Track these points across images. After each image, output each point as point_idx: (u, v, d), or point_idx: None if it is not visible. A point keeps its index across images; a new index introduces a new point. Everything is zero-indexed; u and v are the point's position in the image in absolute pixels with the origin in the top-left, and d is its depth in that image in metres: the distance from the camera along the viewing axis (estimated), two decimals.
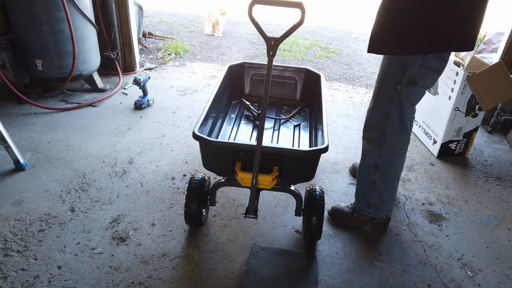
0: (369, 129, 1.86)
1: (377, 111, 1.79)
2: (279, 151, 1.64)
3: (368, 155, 1.90)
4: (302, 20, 1.36)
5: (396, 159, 1.88)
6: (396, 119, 1.77)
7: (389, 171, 1.89)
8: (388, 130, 1.79)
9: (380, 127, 1.80)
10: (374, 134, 1.84)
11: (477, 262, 1.92)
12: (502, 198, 2.41)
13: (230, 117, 2.26)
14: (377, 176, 1.89)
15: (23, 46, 2.95)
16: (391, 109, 1.75)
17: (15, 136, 2.60)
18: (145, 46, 4.57)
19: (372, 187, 1.93)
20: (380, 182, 1.90)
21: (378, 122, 1.80)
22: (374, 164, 1.88)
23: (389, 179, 1.91)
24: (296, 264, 1.80)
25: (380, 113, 1.78)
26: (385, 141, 1.82)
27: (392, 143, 1.82)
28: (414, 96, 1.74)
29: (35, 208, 2.04)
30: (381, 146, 1.83)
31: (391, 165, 1.88)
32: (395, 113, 1.75)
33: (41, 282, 1.64)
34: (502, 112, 3.20)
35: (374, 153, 1.86)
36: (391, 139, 1.81)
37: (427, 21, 1.52)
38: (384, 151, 1.83)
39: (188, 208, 1.83)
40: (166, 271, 1.74)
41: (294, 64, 4.57)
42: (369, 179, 1.92)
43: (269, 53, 1.41)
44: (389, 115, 1.76)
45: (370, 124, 1.85)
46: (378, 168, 1.88)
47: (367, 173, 1.92)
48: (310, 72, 2.41)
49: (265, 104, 1.51)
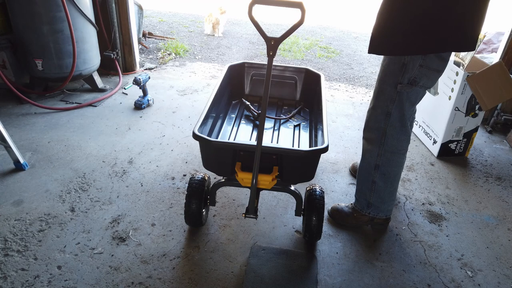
0: (369, 129, 1.86)
1: (377, 111, 1.79)
2: (279, 151, 1.64)
3: (368, 155, 1.90)
4: (302, 20, 1.36)
5: (396, 159, 1.87)
6: (396, 119, 1.77)
7: (389, 171, 1.89)
8: (388, 130, 1.79)
9: (381, 127, 1.80)
10: (374, 134, 1.84)
11: (477, 262, 1.92)
12: (502, 198, 2.41)
13: (230, 117, 2.26)
14: (377, 176, 1.89)
15: (23, 46, 2.95)
16: (391, 109, 1.75)
17: (15, 136, 2.60)
18: (145, 46, 4.57)
19: (372, 187, 1.93)
20: (380, 182, 1.90)
21: (379, 122, 1.80)
22: (374, 164, 1.88)
23: (389, 179, 1.91)
24: (296, 264, 1.80)
25: (380, 113, 1.78)
26: (386, 141, 1.82)
27: (392, 143, 1.82)
28: (414, 96, 1.74)
29: (35, 208, 2.04)
30: (381, 146, 1.83)
31: (391, 165, 1.88)
32: (396, 113, 1.75)
33: (41, 282, 1.64)
34: (502, 112, 3.20)
35: (374, 153, 1.86)
36: (391, 139, 1.81)
37: (427, 21, 1.52)
38: (384, 151, 1.84)
39: (188, 208, 1.83)
40: (166, 271, 1.74)
41: (294, 64, 4.57)
42: (369, 179, 1.92)
43: (269, 53, 1.41)
44: (390, 115, 1.76)
45: (370, 124, 1.85)
46: (378, 168, 1.88)
47: (367, 173, 1.93)
48: (310, 72, 2.41)
49: (265, 104, 1.51)
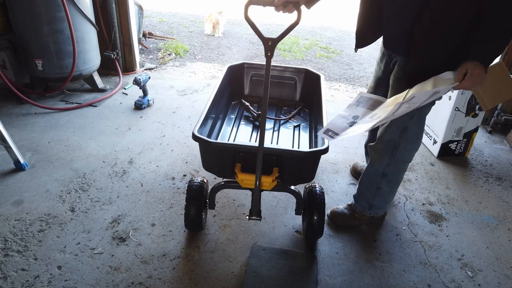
0: (382, 142, 1.82)
1: (392, 128, 1.76)
2: (279, 152, 1.64)
3: (376, 164, 1.88)
4: (299, 19, 1.36)
5: (404, 167, 1.89)
6: (413, 133, 1.75)
7: (396, 178, 1.90)
8: (402, 143, 1.77)
9: (394, 139, 1.77)
10: (385, 146, 1.81)
11: (477, 262, 1.92)
12: (502, 198, 2.41)
13: (230, 117, 2.26)
14: (384, 183, 1.89)
15: (23, 46, 2.95)
16: (408, 124, 1.72)
17: (15, 136, 2.60)
18: (145, 46, 4.57)
19: (376, 192, 1.93)
20: (386, 187, 1.91)
21: (393, 135, 1.77)
22: (382, 172, 1.87)
23: (395, 184, 1.93)
24: (296, 264, 1.80)
25: (396, 128, 1.75)
26: (397, 152, 1.80)
27: (404, 154, 1.81)
28: (429, 109, 1.75)
29: (35, 208, 2.04)
30: (392, 157, 1.81)
31: (399, 173, 1.89)
32: (413, 128, 1.74)
33: (41, 282, 1.64)
34: (502, 112, 3.20)
35: (383, 163, 1.84)
36: (403, 151, 1.80)
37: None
38: (394, 162, 1.82)
39: (187, 214, 1.83)
40: (166, 271, 1.74)
41: (294, 64, 4.57)
42: (374, 186, 1.92)
43: (267, 53, 1.41)
44: (406, 129, 1.74)
45: (383, 138, 1.81)
46: (385, 176, 1.87)
47: (373, 180, 1.92)
48: (310, 73, 2.40)
49: (265, 105, 1.50)
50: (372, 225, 2.08)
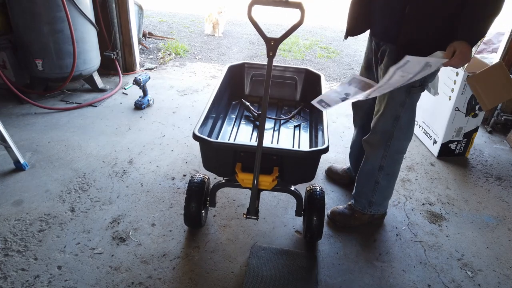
0: (375, 133, 1.84)
1: (385, 116, 1.78)
2: (280, 151, 1.64)
3: (372, 158, 1.89)
4: (302, 20, 1.36)
5: (400, 158, 1.91)
6: (405, 122, 1.78)
7: (393, 170, 1.91)
8: (396, 133, 1.80)
9: (388, 130, 1.80)
10: (380, 137, 1.83)
11: (477, 262, 1.92)
12: (502, 198, 2.41)
13: (230, 117, 2.26)
14: (381, 176, 1.90)
15: (23, 46, 2.95)
16: (400, 113, 1.75)
17: (15, 136, 2.60)
18: (145, 46, 4.57)
19: (375, 187, 1.93)
20: (383, 181, 1.92)
21: (386, 125, 1.79)
22: (378, 166, 1.88)
23: (393, 178, 1.95)
24: (296, 264, 1.80)
25: (389, 117, 1.78)
26: (392, 143, 1.82)
27: (398, 144, 1.84)
28: (419, 96, 1.77)
29: (35, 208, 2.04)
30: (387, 148, 1.83)
31: (395, 164, 1.91)
32: (405, 116, 1.76)
33: (41, 282, 1.64)
34: (502, 112, 3.20)
35: (379, 155, 1.86)
36: (397, 141, 1.82)
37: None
38: (389, 153, 1.84)
39: (187, 210, 1.83)
40: (166, 271, 1.74)
41: (294, 64, 4.57)
42: (372, 181, 1.93)
43: (269, 53, 1.41)
44: (399, 118, 1.76)
45: (377, 129, 1.83)
46: (382, 169, 1.89)
47: (370, 175, 1.93)
48: (310, 72, 2.41)
49: (265, 105, 1.50)
50: (372, 225, 2.08)
